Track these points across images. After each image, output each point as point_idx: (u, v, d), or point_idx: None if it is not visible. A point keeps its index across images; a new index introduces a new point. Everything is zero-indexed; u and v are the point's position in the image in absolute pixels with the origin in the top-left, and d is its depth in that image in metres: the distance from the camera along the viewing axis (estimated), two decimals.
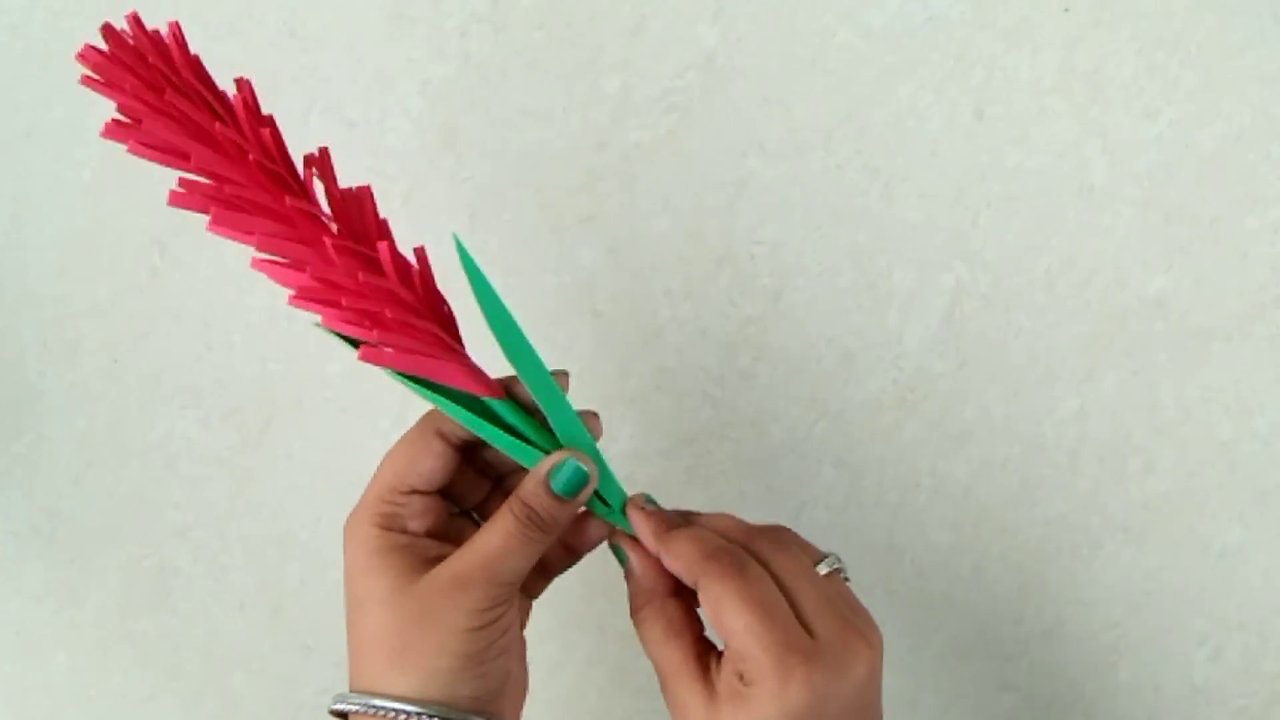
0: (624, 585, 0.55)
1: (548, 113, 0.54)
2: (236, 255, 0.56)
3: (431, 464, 0.43)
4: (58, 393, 0.57)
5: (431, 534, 0.44)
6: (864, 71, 0.52)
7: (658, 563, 0.43)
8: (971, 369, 0.53)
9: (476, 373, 0.42)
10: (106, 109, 0.56)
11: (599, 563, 0.55)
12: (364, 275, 0.39)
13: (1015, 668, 0.54)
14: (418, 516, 0.43)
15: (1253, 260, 0.52)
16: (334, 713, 0.43)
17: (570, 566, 0.48)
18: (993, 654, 0.54)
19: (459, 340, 0.43)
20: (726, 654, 0.40)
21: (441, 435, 0.44)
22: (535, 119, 0.54)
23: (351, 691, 0.42)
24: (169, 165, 0.40)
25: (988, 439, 0.53)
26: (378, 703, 0.40)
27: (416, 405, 0.53)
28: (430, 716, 0.40)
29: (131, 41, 0.42)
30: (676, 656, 0.41)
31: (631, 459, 0.55)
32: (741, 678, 0.39)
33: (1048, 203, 0.52)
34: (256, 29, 0.55)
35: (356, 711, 0.41)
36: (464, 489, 0.46)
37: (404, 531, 0.43)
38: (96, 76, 0.42)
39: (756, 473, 0.54)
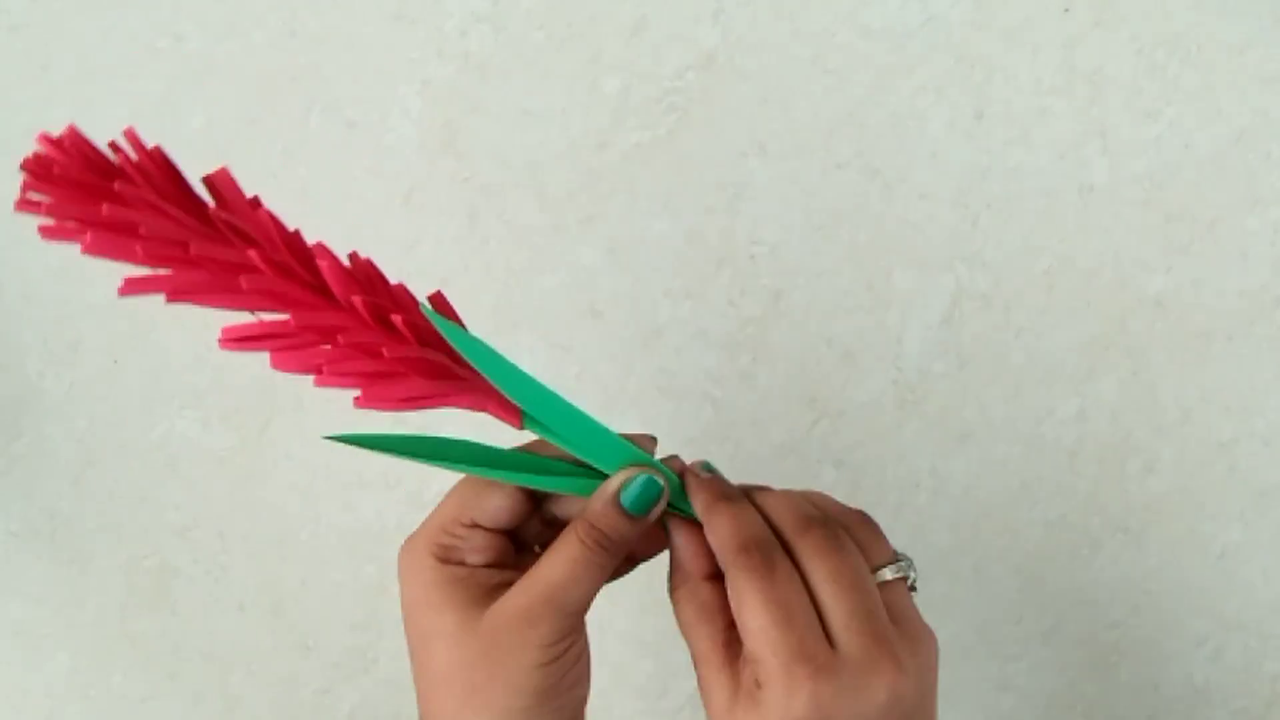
0: (624, 584, 0.55)
1: (548, 113, 0.54)
2: None
3: (499, 502, 0.41)
4: (58, 393, 0.57)
5: (492, 565, 0.42)
6: (864, 71, 0.52)
7: (698, 543, 0.41)
8: (971, 369, 0.53)
9: (498, 396, 0.40)
10: (105, 112, 0.56)
11: None
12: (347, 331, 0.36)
13: (1015, 668, 0.54)
14: (478, 551, 0.41)
15: (1253, 260, 0.52)
16: None
17: (627, 574, 0.45)
18: (993, 654, 0.54)
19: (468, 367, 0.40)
20: (744, 651, 0.39)
21: None
22: (535, 119, 0.54)
23: None
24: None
25: (988, 439, 0.53)
26: None
27: (414, 408, 0.53)
28: None
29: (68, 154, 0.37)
30: (705, 643, 0.40)
31: None
32: (754, 680, 0.38)
33: (1048, 203, 0.52)
34: (256, 29, 0.55)
35: None
36: (529, 534, 0.44)
37: (463, 563, 0.41)
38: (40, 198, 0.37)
39: (756, 473, 0.53)
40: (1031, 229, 0.52)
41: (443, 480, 0.55)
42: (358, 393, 0.39)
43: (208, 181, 0.38)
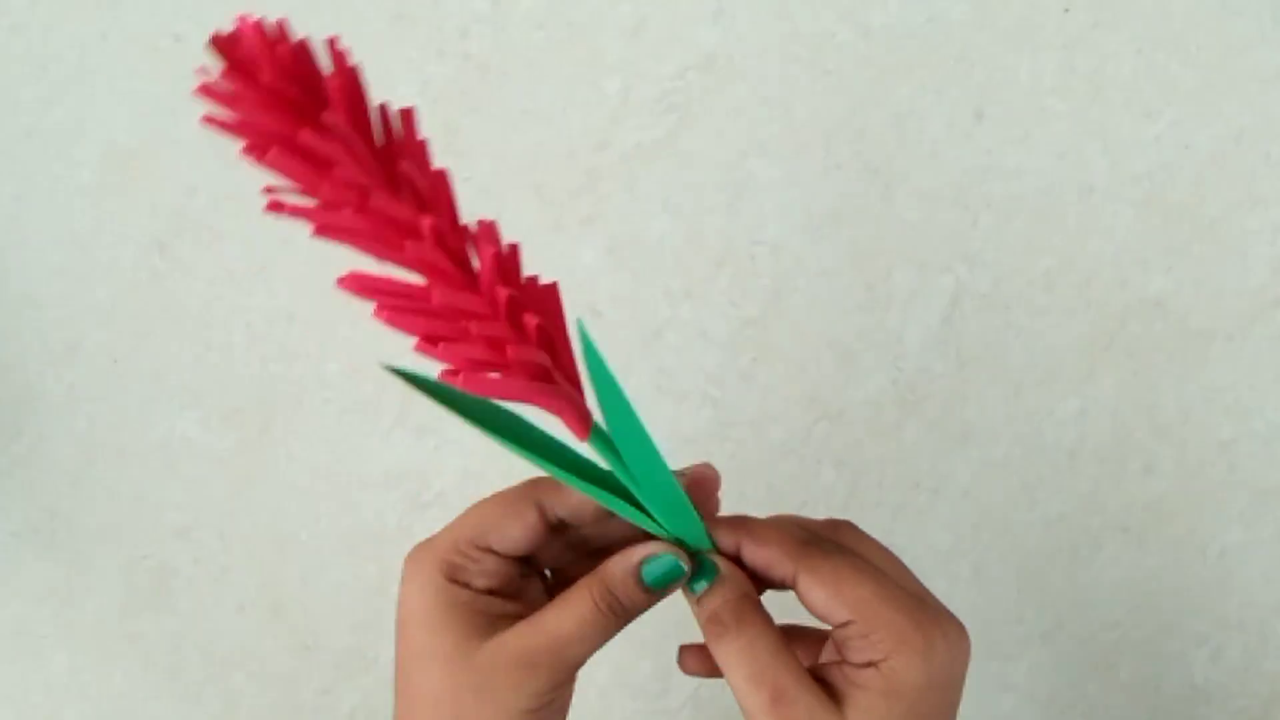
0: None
1: (548, 113, 0.54)
2: (236, 256, 0.56)
3: (519, 533, 0.40)
4: (58, 393, 0.57)
5: (496, 592, 0.41)
6: (864, 71, 0.52)
7: (743, 578, 0.39)
8: (971, 369, 0.53)
9: (576, 405, 0.38)
10: (105, 112, 0.57)
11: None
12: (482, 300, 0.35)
13: (1015, 668, 0.54)
14: (486, 575, 0.41)
15: (1253, 260, 0.52)
16: None
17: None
18: (993, 654, 0.54)
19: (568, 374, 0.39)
20: (852, 633, 0.36)
21: (540, 508, 0.41)
22: (535, 119, 0.54)
23: None
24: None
25: (988, 439, 0.53)
26: None
27: (418, 406, 0.53)
28: None
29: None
30: (794, 667, 0.37)
31: None
32: (870, 664, 0.36)
33: (1048, 203, 0.52)
34: None
35: None
36: (544, 557, 0.43)
37: (468, 586, 0.40)
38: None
39: (756, 473, 0.53)
40: (1031, 229, 0.52)
41: (444, 480, 0.55)
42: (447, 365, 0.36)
43: (403, 115, 0.36)
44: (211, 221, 0.56)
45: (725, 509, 0.45)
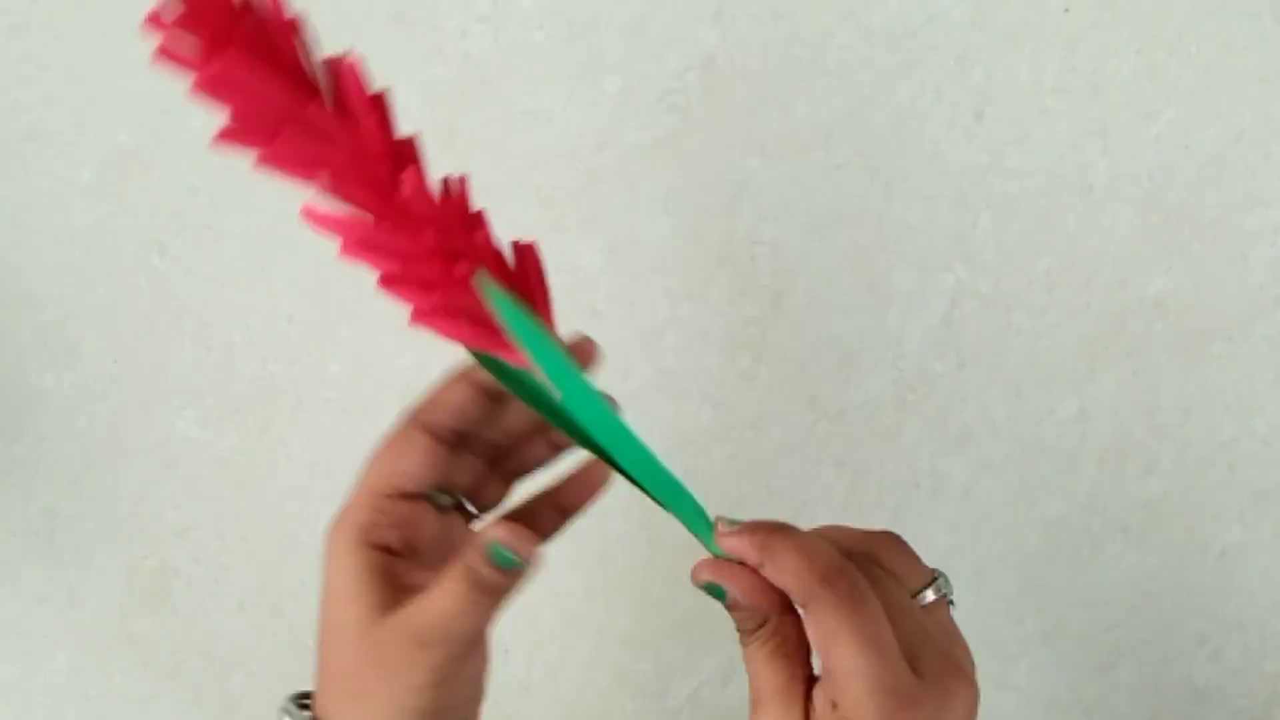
0: (624, 584, 0.55)
1: (548, 113, 0.54)
2: (236, 256, 0.56)
3: (418, 461, 0.41)
4: (58, 393, 0.57)
5: (415, 545, 0.42)
6: (864, 72, 0.52)
7: (759, 582, 0.39)
8: (971, 369, 0.53)
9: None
10: (106, 112, 0.56)
11: (599, 563, 0.55)
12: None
13: (1015, 668, 0.54)
14: (402, 526, 0.41)
15: (1253, 260, 0.52)
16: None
17: (561, 528, 0.45)
18: (993, 654, 0.54)
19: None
20: (825, 681, 0.37)
21: (428, 429, 0.41)
22: (535, 119, 0.54)
23: (316, 717, 0.42)
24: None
25: (988, 439, 0.53)
26: None
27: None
28: None
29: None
30: (781, 678, 0.38)
31: None
32: (835, 707, 0.36)
33: (1048, 203, 0.52)
34: None
35: None
36: (460, 482, 0.43)
37: (385, 549, 0.41)
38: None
39: (756, 473, 0.53)
40: (1031, 229, 0.52)
41: None
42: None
43: (333, 69, 0.37)
44: (211, 221, 0.56)
45: (727, 510, 0.45)
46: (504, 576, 0.39)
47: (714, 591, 0.39)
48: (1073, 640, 0.54)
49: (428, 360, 0.55)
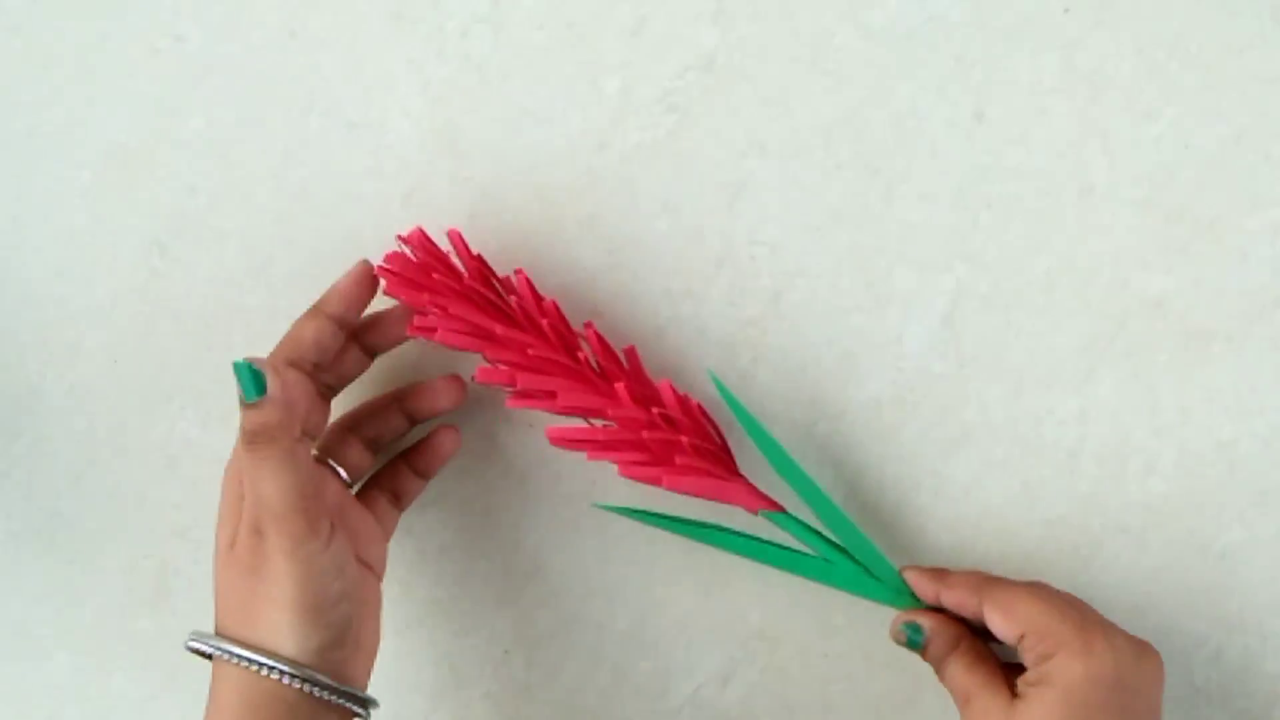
0: (625, 585, 0.55)
1: (548, 113, 0.54)
2: (236, 256, 0.56)
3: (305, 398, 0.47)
4: (58, 393, 0.57)
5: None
6: (864, 71, 0.52)
7: (948, 621, 0.48)
8: (971, 369, 0.53)
9: (756, 491, 0.50)
10: (105, 112, 0.56)
11: (599, 563, 0.55)
12: (648, 436, 0.48)
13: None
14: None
15: (1253, 261, 0.52)
16: (197, 651, 0.46)
17: (419, 490, 0.53)
18: None
19: (733, 463, 0.50)
20: (1026, 645, 0.44)
21: (295, 365, 0.48)
22: (535, 119, 0.54)
23: (216, 634, 0.46)
24: (471, 349, 0.48)
25: (988, 439, 0.53)
26: (236, 650, 0.44)
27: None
28: (274, 669, 0.43)
29: (418, 255, 0.50)
30: (982, 676, 0.45)
31: None
32: (1044, 659, 0.43)
33: (1048, 203, 0.52)
34: (256, 29, 0.55)
35: (218, 656, 0.45)
36: (320, 422, 0.50)
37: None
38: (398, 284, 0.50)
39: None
40: (1031, 229, 0.52)
41: (444, 480, 0.55)
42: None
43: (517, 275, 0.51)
44: (211, 221, 0.56)
45: (726, 516, 0.45)
46: (256, 410, 0.44)
47: (912, 640, 0.48)
48: None
49: (426, 361, 0.55)
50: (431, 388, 0.52)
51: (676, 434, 0.48)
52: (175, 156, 0.56)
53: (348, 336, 0.51)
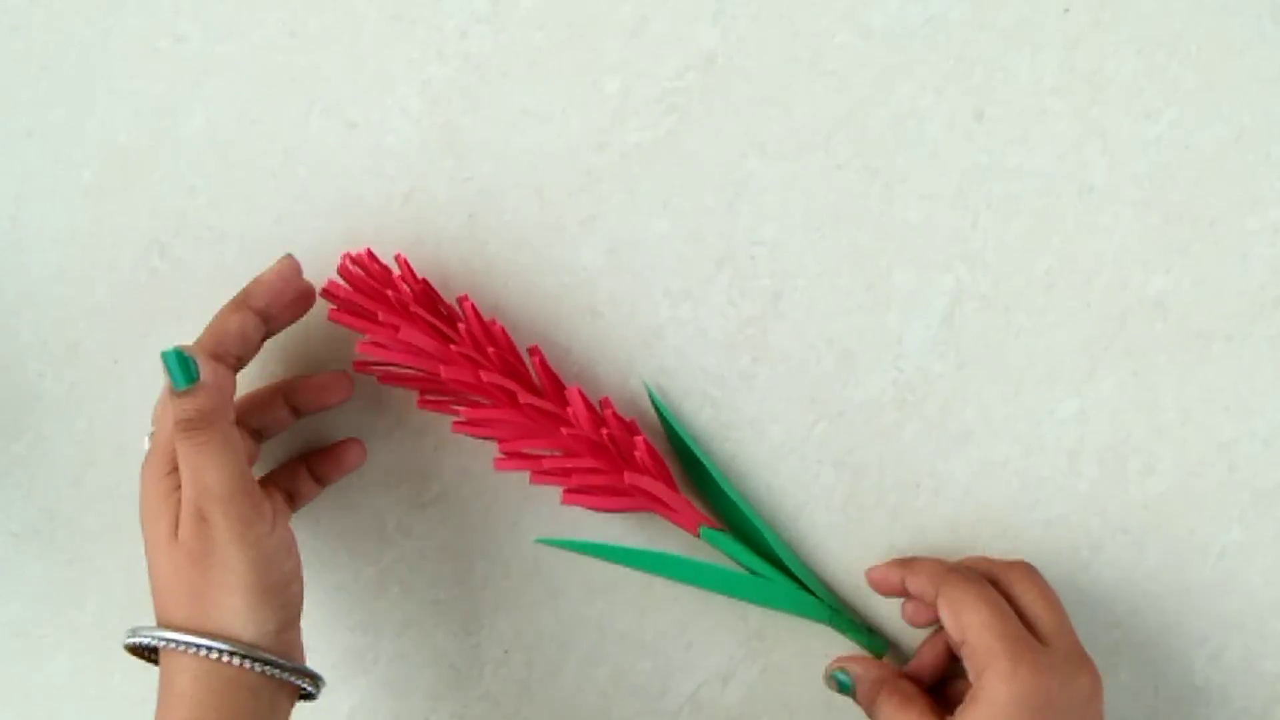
0: (625, 585, 0.55)
1: (548, 113, 0.54)
2: (236, 256, 0.56)
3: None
4: (58, 393, 0.57)
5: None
6: (864, 72, 0.52)
7: (873, 664, 0.50)
8: (971, 369, 0.53)
9: (695, 509, 0.51)
10: (106, 112, 0.56)
11: (599, 563, 0.55)
12: (606, 433, 0.49)
13: None
14: None
15: (1253, 261, 0.52)
16: (140, 648, 0.46)
17: (315, 494, 0.53)
18: None
19: (673, 480, 0.52)
20: (965, 653, 0.45)
21: (220, 359, 0.47)
22: (535, 119, 0.54)
23: (161, 623, 0.46)
24: (412, 381, 0.51)
25: (988, 439, 0.53)
26: (192, 640, 0.44)
27: (416, 408, 0.53)
28: (234, 654, 0.43)
29: (362, 274, 0.51)
30: (913, 715, 0.46)
31: None
32: (977, 674, 0.43)
33: (1048, 203, 0.52)
34: (256, 29, 0.55)
35: (165, 647, 0.45)
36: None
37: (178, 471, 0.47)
38: (340, 309, 0.51)
39: (756, 474, 0.54)
40: (1031, 229, 0.52)
41: (444, 480, 0.55)
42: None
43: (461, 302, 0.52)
44: (211, 221, 0.56)
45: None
46: (187, 397, 0.45)
47: (842, 685, 0.50)
48: None
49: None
50: (319, 382, 0.52)
51: (628, 446, 0.49)
52: (175, 156, 0.56)
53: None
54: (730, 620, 0.54)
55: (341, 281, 0.51)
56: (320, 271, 0.52)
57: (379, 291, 0.49)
